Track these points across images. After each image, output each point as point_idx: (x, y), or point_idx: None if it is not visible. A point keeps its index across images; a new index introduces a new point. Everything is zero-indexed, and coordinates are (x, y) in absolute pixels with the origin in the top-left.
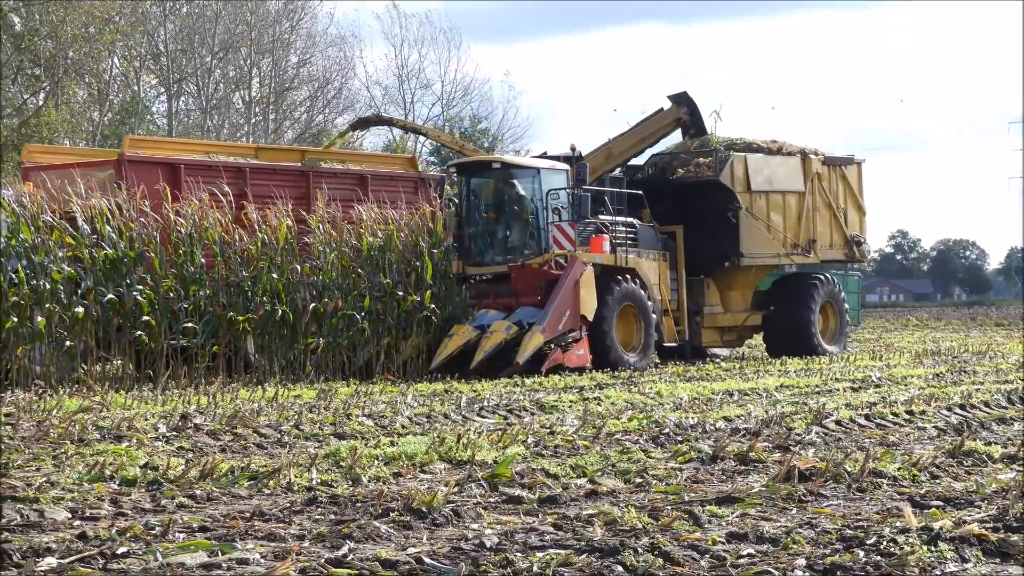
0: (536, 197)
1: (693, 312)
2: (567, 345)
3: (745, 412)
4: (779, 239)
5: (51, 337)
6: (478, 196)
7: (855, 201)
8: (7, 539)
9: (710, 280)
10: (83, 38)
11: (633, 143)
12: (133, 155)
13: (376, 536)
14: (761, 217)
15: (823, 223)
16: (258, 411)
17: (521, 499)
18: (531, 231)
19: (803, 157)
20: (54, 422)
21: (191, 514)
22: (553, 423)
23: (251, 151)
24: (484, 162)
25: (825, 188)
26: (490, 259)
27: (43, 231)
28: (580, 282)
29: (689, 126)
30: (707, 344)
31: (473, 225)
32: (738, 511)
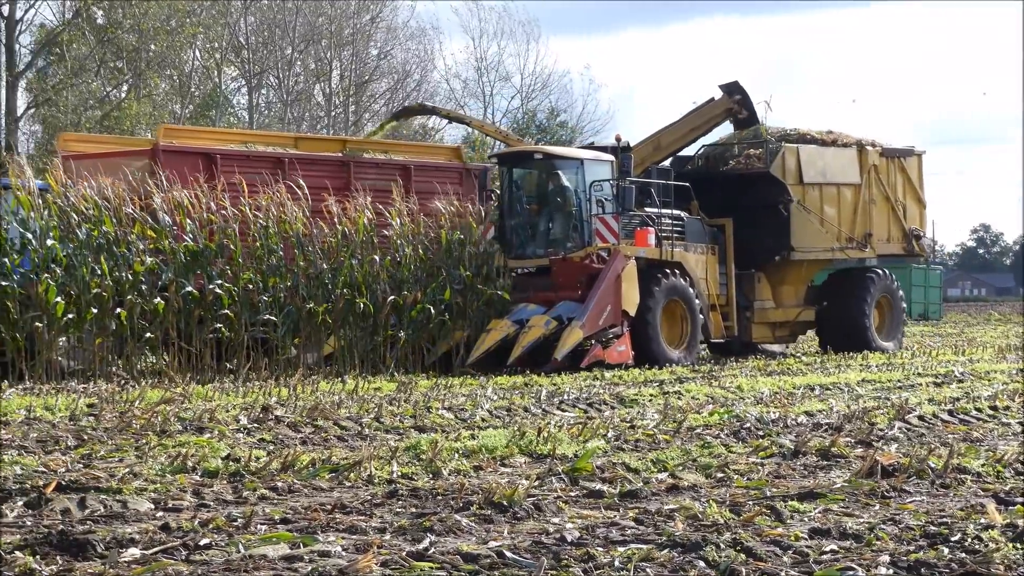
0: (579, 189)
1: (743, 307)
2: (608, 341)
3: (827, 407)
4: (833, 232)
5: (133, 329)
6: (520, 188)
7: (914, 194)
8: (91, 530)
9: (761, 274)
10: (165, 31)
11: (682, 134)
12: (168, 144)
13: (457, 529)
14: (814, 210)
15: (880, 216)
16: (339, 403)
17: (602, 493)
18: (574, 223)
19: (859, 148)
20: (136, 413)
21: (273, 506)
22: (634, 417)
23: (290, 141)
24: (526, 153)
25: (883, 180)
26: (531, 252)
27: (125, 223)
28: (622, 276)
29: (741, 116)
30: (757, 340)
31: (515, 217)
32: (820, 507)
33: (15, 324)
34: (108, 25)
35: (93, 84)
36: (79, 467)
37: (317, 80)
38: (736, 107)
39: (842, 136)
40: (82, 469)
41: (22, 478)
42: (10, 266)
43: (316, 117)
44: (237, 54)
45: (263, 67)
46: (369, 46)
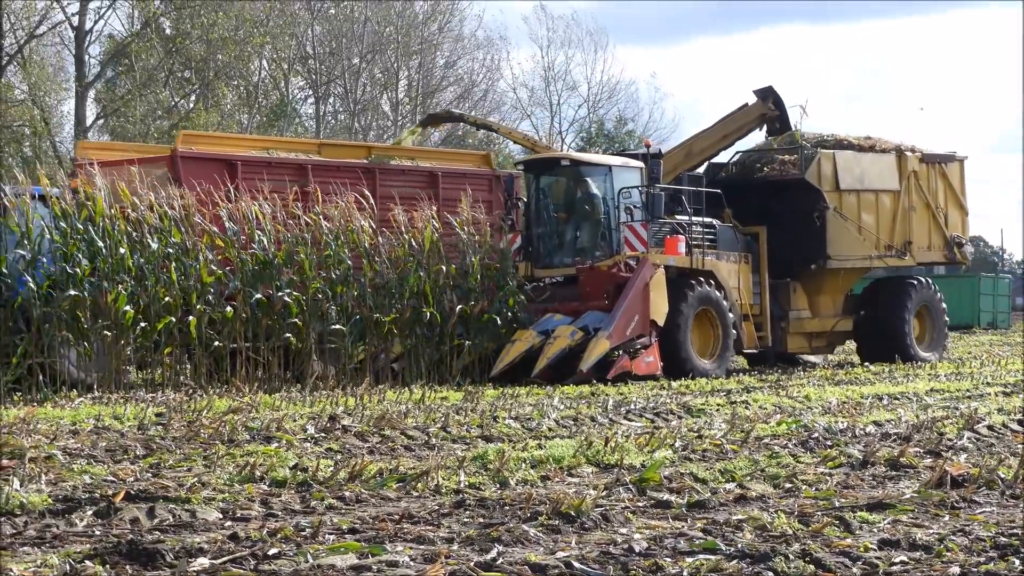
0: (607, 196)
1: (777, 317)
2: (635, 352)
3: (895, 416)
4: (871, 240)
5: (201, 338)
6: (547, 195)
7: (956, 200)
8: (160, 539)
9: (797, 284)
10: (233, 41)
11: (715, 140)
12: (187, 151)
13: (525, 540)
14: (851, 217)
15: (920, 223)
16: (405, 413)
17: (670, 503)
18: (602, 232)
19: (898, 154)
20: (204, 423)
21: (340, 516)
22: (701, 427)
23: (314, 147)
24: (553, 159)
25: (923, 187)
26: (559, 261)
27: (195, 232)
28: (650, 285)
29: (775, 122)
30: (793, 351)
31: (542, 225)
32: (889, 517)
33: (85, 333)
34: (176, 35)
35: (161, 94)
36: (148, 476)
37: (384, 90)
38: (770, 112)
39: (880, 141)
40: (151, 478)
41: (91, 487)
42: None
43: (383, 127)
44: (304, 64)
45: (330, 77)
46: (436, 55)
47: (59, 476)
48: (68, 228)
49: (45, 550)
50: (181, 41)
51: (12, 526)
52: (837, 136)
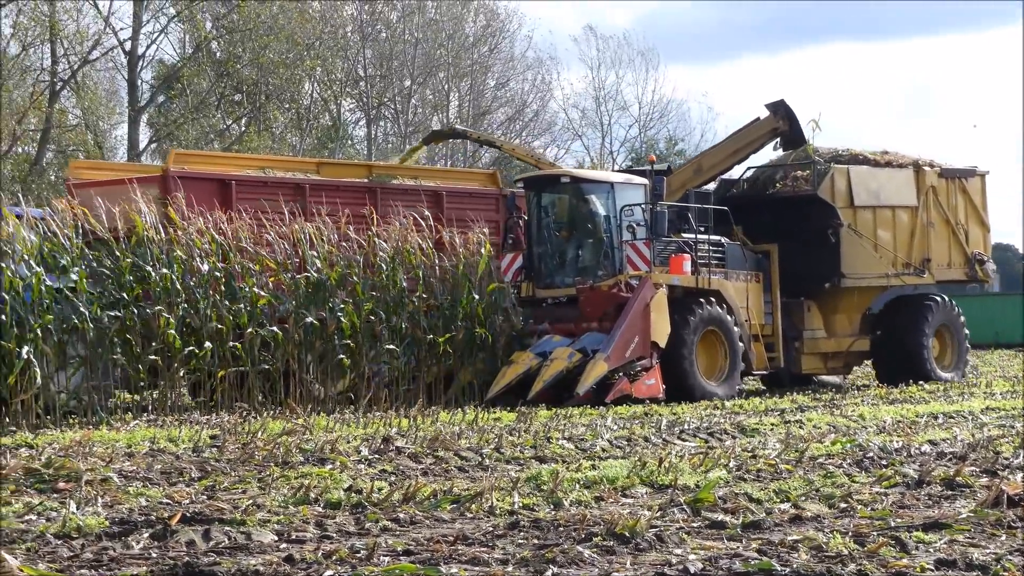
0: (610, 214)
1: (791, 337)
2: (635, 374)
3: (951, 435)
4: (888, 258)
5: (253, 361)
6: (548, 213)
7: (977, 216)
8: (216, 561)
9: (811, 303)
10: (284, 64)
11: (725, 156)
12: (179, 171)
13: (579, 561)
14: (866, 234)
15: (939, 240)
16: (459, 434)
17: (724, 524)
18: (604, 251)
19: (916, 169)
20: (259, 445)
21: (395, 537)
22: (755, 446)
23: (312, 166)
24: (554, 176)
25: (942, 203)
26: (560, 281)
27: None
28: (651, 305)
29: (787, 137)
30: (808, 371)
31: (543, 244)
32: (946, 537)
33: (138, 358)
34: (227, 59)
35: (213, 118)
36: (203, 499)
37: (435, 111)
38: (782, 127)
39: (897, 156)
40: (206, 501)
41: (147, 510)
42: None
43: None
44: (355, 86)
45: (381, 99)
46: (487, 77)
47: (115, 499)
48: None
49: (102, 573)
50: (232, 65)
51: (69, 549)
52: (852, 151)
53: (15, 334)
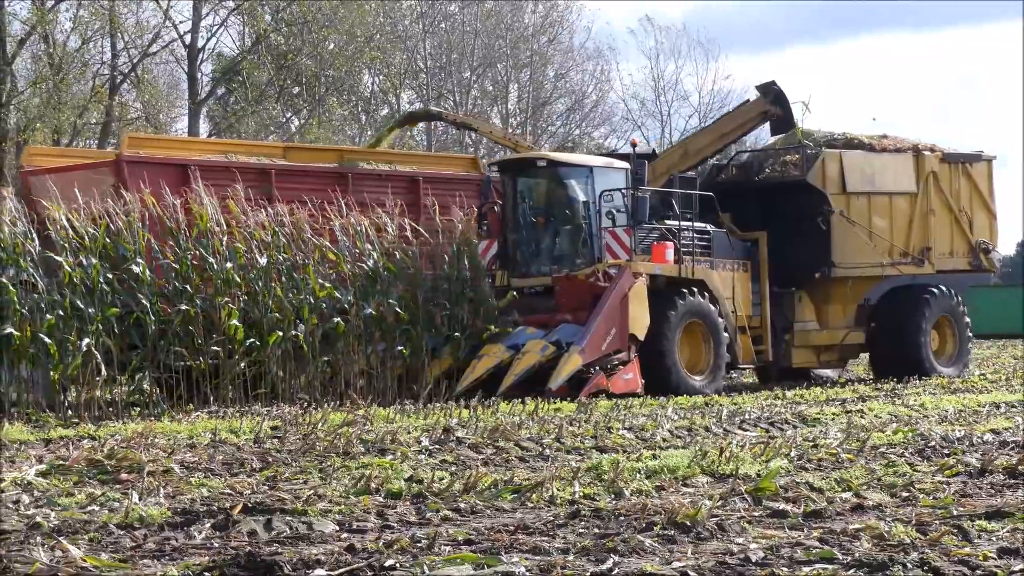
0: (589, 199)
1: (782, 329)
2: (612, 368)
3: (1013, 424)
4: (884, 246)
5: (312, 352)
6: (524, 199)
7: (983, 203)
8: (278, 551)
9: (803, 293)
10: (343, 56)
11: (712, 139)
12: (133, 156)
13: (640, 550)
14: (860, 221)
15: (941, 228)
16: (519, 424)
17: (786, 513)
18: (583, 238)
19: (916, 154)
20: (319, 435)
21: (456, 527)
22: (816, 436)
23: (278, 151)
24: (529, 160)
25: (944, 189)
26: (536, 269)
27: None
28: (629, 296)
29: (778, 120)
30: (800, 365)
31: (518, 231)
32: (1009, 526)
33: (199, 349)
34: (287, 51)
35: (273, 110)
36: (264, 489)
37: (494, 103)
38: (772, 109)
39: (896, 140)
40: (267, 491)
41: (209, 500)
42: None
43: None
44: (415, 78)
45: (440, 91)
46: (546, 68)
47: (177, 489)
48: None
49: (165, 563)
50: (292, 57)
51: (132, 539)
52: (849, 135)
53: (76, 327)
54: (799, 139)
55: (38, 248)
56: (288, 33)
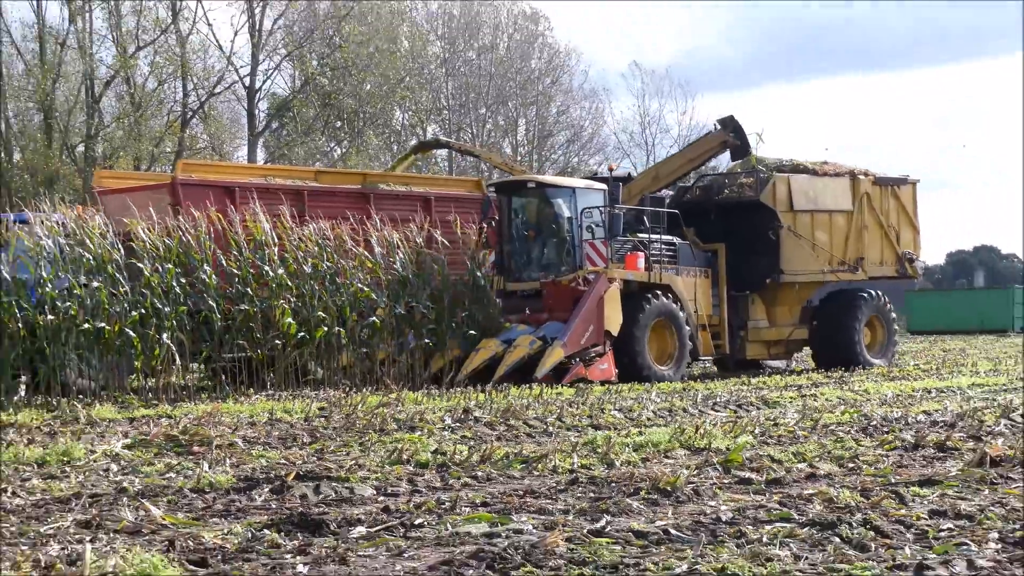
0: (572, 216)
1: (737, 327)
2: (590, 360)
3: (942, 407)
4: (824, 256)
5: (352, 344)
6: (518, 215)
7: (908, 220)
8: (325, 511)
9: (755, 296)
10: (378, 96)
11: (679, 165)
12: (186, 179)
13: (629, 511)
14: (805, 235)
15: (873, 241)
16: (527, 406)
17: (751, 480)
18: (567, 249)
19: (852, 177)
20: (359, 415)
21: (474, 492)
22: (776, 416)
23: (311, 174)
24: (521, 182)
25: (876, 207)
26: (527, 276)
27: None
28: (604, 298)
29: (736, 148)
30: (753, 357)
31: (512, 243)
32: (938, 492)
33: (259, 342)
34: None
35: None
36: (313, 459)
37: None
38: (730, 139)
39: (835, 166)
40: (316, 461)
41: (267, 469)
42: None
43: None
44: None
45: (460, 125)
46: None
47: (240, 460)
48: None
49: (230, 521)
50: (335, 96)
51: (203, 501)
52: (795, 161)
53: (155, 323)
54: (753, 165)
55: (123, 257)
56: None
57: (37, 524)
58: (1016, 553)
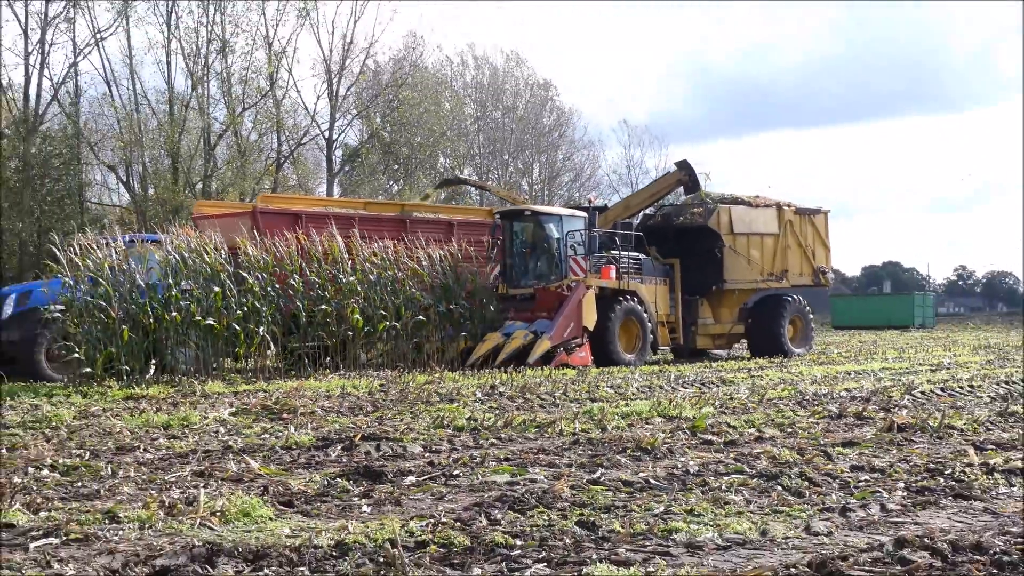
0: (559, 237)
1: (689, 323)
2: (571, 349)
3: (859, 385)
4: (757, 269)
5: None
6: (518, 236)
7: (822, 241)
8: (384, 464)
9: (704, 300)
10: (426, 145)
11: (645, 197)
12: (264, 208)
13: (619, 465)
14: (742, 253)
15: (794, 258)
16: (539, 383)
17: (712, 442)
18: (555, 262)
19: (778, 208)
20: (411, 390)
21: (499, 450)
22: (732, 392)
23: (360, 205)
24: (520, 210)
25: (796, 231)
26: (524, 283)
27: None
28: (583, 301)
29: (688, 185)
30: (702, 347)
31: (513, 257)
32: (857, 451)
33: (333, 334)
34: (391, 142)
35: (381, 180)
36: (375, 424)
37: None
38: (684, 178)
39: (766, 199)
40: (377, 426)
41: (339, 431)
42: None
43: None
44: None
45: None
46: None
47: (319, 424)
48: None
49: (311, 471)
50: (393, 146)
51: (290, 456)
52: (735, 195)
53: (254, 319)
54: (702, 197)
55: (232, 268)
56: (391, 130)
57: (162, 473)
58: (918, 499)
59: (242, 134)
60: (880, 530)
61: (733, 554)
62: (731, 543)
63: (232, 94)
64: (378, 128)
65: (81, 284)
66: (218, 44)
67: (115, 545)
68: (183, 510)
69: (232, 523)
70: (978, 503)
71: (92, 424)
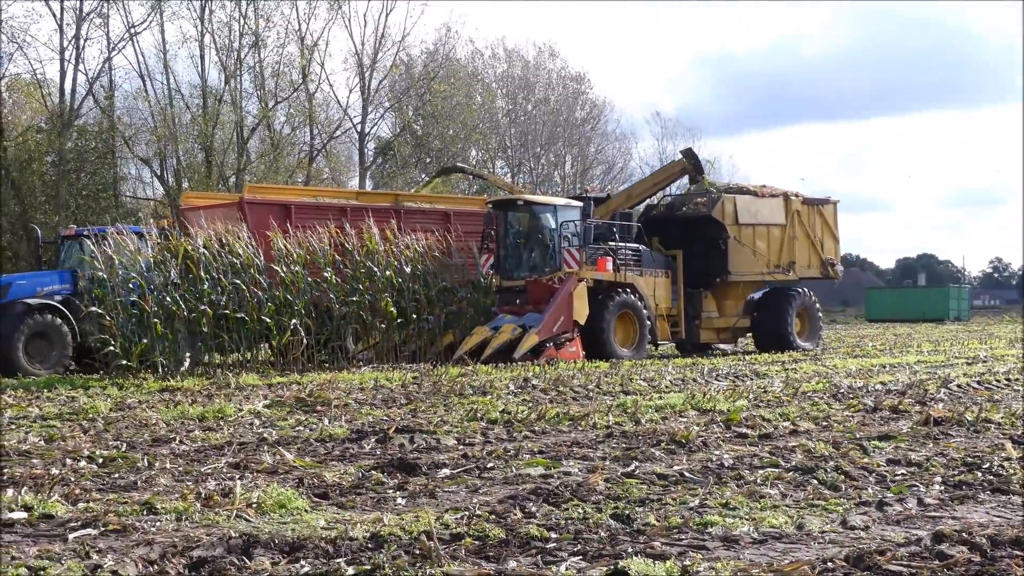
0: (553, 227)
1: (692, 317)
2: (560, 343)
3: (895, 378)
4: (763, 261)
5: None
6: (511, 226)
7: (830, 232)
8: (418, 457)
9: (708, 292)
10: (458, 139)
11: (648, 187)
12: (251, 198)
13: (653, 458)
14: (747, 244)
15: (802, 249)
16: (572, 376)
17: (747, 435)
18: (549, 254)
19: (785, 198)
20: (444, 382)
21: (532, 442)
22: (765, 385)
23: (352, 195)
24: (513, 200)
25: (804, 222)
26: (518, 274)
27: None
28: (574, 294)
29: (693, 174)
30: (705, 341)
31: (506, 248)
32: (893, 444)
33: (367, 327)
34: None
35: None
36: (409, 416)
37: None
38: (688, 167)
39: (772, 189)
40: (410, 418)
41: (373, 423)
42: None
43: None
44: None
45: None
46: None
47: (353, 416)
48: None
49: (345, 463)
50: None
51: (324, 448)
52: (740, 185)
53: (287, 312)
54: (707, 187)
55: (262, 261)
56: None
57: (198, 465)
58: (956, 493)
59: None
60: (917, 524)
61: (769, 548)
62: (767, 537)
63: (265, 88)
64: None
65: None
66: (251, 38)
67: (153, 536)
68: (219, 502)
69: (268, 515)
70: (1016, 497)
71: (128, 416)
